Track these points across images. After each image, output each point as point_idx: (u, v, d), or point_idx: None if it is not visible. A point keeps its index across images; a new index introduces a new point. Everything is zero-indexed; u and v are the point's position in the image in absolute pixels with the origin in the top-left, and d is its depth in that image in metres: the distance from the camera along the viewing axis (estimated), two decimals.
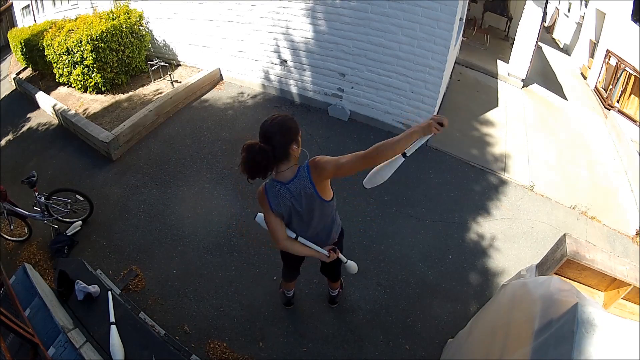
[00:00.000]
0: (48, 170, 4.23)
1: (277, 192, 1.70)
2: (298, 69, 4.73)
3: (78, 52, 4.89)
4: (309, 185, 1.67)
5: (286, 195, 1.70)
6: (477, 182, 3.97)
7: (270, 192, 1.71)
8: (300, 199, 1.71)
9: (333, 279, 2.52)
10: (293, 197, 1.70)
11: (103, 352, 2.11)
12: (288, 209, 1.74)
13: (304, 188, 1.68)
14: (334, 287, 2.64)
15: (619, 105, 5.98)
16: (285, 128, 1.62)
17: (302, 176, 1.67)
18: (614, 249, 3.53)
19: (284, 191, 1.69)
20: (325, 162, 1.63)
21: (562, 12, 9.84)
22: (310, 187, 1.68)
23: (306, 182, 1.67)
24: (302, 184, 1.68)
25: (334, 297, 2.74)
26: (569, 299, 1.28)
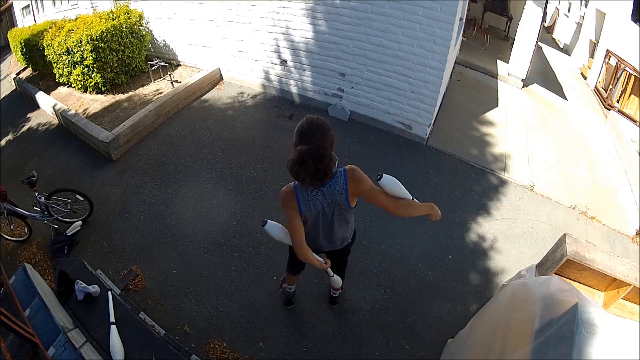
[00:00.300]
0: (48, 170, 4.23)
1: (309, 196, 1.65)
2: (298, 69, 4.73)
3: (78, 52, 4.89)
4: (343, 191, 1.66)
5: (319, 199, 1.67)
6: (477, 182, 3.97)
7: (301, 196, 1.66)
8: (331, 204, 1.69)
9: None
10: (325, 200, 1.67)
11: (103, 352, 2.11)
12: (317, 212, 1.71)
13: (338, 193, 1.66)
14: (335, 288, 2.64)
15: (619, 105, 5.97)
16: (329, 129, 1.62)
17: (338, 181, 1.65)
18: (614, 249, 3.53)
19: (318, 194, 1.66)
20: (363, 177, 1.65)
21: (562, 12, 9.84)
22: (343, 194, 1.66)
23: (341, 187, 1.65)
24: (337, 188, 1.66)
25: (335, 298, 2.74)
26: (569, 299, 1.28)
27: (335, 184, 1.66)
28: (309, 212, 1.69)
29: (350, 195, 1.68)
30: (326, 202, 1.69)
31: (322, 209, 1.71)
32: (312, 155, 1.51)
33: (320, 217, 1.75)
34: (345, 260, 2.35)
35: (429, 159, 4.19)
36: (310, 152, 1.52)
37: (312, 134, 1.57)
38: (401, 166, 4.04)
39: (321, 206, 1.69)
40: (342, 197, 1.68)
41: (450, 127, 4.67)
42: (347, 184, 1.66)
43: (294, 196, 1.66)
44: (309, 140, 1.55)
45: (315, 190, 1.66)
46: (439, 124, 4.59)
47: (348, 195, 1.67)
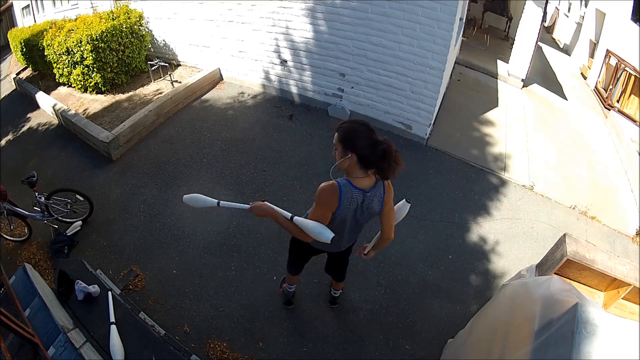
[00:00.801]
0: (48, 170, 4.23)
1: (351, 196, 1.66)
2: (298, 69, 4.73)
3: (78, 52, 4.89)
4: (381, 198, 1.72)
5: (358, 201, 1.68)
6: (477, 182, 3.97)
7: (345, 196, 1.65)
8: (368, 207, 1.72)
9: (338, 279, 2.52)
10: (363, 203, 1.70)
11: (103, 352, 2.11)
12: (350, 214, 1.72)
13: (377, 200, 1.72)
14: (337, 287, 2.64)
15: (619, 105, 5.98)
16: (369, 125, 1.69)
17: (379, 188, 1.71)
18: (614, 249, 3.53)
19: (359, 197, 1.67)
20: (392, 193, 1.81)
21: (562, 12, 9.84)
22: (380, 201, 1.73)
23: (381, 196, 1.72)
24: (378, 195, 1.71)
25: (336, 297, 2.74)
26: (569, 299, 1.28)
27: (377, 190, 1.71)
28: (344, 211, 1.70)
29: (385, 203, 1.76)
30: (363, 204, 1.71)
31: (355, 212, 1.73)
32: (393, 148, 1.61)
33: (348, 220, 1.76)
34: (346, 261, 2.36)
35: (429, 159, 4.19)
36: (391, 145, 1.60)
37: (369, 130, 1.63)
38: None
39: (356, 207, 1.71)
40: (379, 204, 1.74)
41: (450, 127, 4.67)
42: (386, 192, 1.74)
43: (338, 194, 1.64)
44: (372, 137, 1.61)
45: (357, 193, 1.66)
46: (439, 124, 4.59)
47: (383, 202, 1.74)
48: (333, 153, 1.69)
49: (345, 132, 1.63)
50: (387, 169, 1.60)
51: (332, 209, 1.67)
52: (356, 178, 1.66)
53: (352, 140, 1.61)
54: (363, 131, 1.62)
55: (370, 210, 1.75)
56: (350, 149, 1.61)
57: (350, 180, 1.66)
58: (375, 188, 1.70)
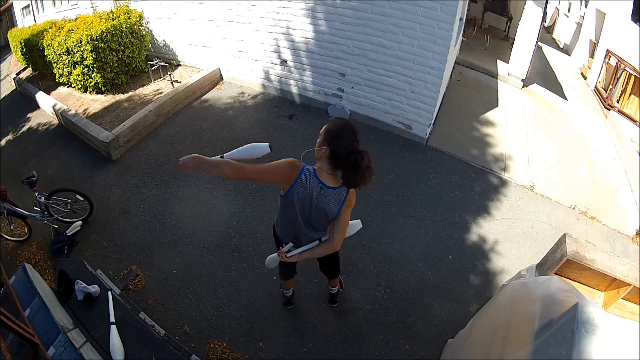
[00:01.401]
0: (48, 170, 4.23)
1: (307, 182, 1.68)
2: (298, 69, 4.73)
3: (78, 52, 4.89)
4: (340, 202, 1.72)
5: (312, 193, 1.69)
6: (477, 182, 3.97)
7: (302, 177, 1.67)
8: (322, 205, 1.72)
9: (330, 276, 2.52)
10: (317, 199, 1.71)
11: (103, 352, 2.11)
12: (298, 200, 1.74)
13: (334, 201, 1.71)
14: (333, 284, 2.64)
15: (619, 105, 5.97)
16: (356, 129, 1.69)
17: (341, 193, 1.71)
18: (614, 249, 3.53)
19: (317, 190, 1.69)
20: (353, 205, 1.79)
21: (562, 12, 9.84)
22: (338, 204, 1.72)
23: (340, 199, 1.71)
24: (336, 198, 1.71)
25: (334, 295, 2.73)
26: (569, 299, 1.28)
27: (338, 193, 1.71)
28: (296, 195, 1.71)
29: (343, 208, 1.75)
30: (317, 200, 1.70)
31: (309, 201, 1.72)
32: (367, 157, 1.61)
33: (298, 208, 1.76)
34: (333, 258, 2.34)
35: (429, 159, 4.19)
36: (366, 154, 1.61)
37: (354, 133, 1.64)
38: (401, 166, 4.04)
39: (308, 199, 1.71)
40: (335, 206, 1.73)
41: (450, 127, 4.67)
42: (347, 199, 1.73)
43: (298, 172, 1.68)
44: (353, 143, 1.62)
45: (317, 185, 1.68)
46: (439, 124, 4.59)
47: (341, 207, 1.74)
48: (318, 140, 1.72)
49: (333, 127, 1.66)
50: (351, 179, 1.61)
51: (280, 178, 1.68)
52: (322, 171, 1.68)
53: (335, 137, 1.63)
54: (348, 134, 1.63)
55: (325, 209, 1.73)
56: (329, 143, 1.63)
57: (316, 169, 1.69)
58: (337, 189, 1.70)
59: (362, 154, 1.59)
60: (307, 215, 1.81)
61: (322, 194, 1.70)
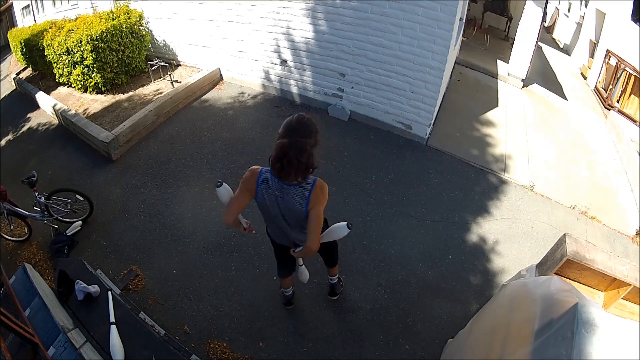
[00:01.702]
0: (48, 170, 4.23)
1: (269, 186, 1.67)
2: (298, 69, 4.73)
3: (78, 52, 4.89)
4: (304, 199, 1.65)
5: (277, 194, 1.67)
6: (477, 182, 3.97)
7: (262, 181, 1.68)
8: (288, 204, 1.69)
9: (328, 264, 2.52)
10: (283, 198, 1.68)
11: (103, 352, 2.11)
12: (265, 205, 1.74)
13: (299, 199, 1.66)
14: (331, 273, 2.63)
15: (619, 105, 5.98)
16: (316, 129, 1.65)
17: (305, 188, 1.65)
18: (614, 249, 3.53)
19: (278, 189, 1.66)
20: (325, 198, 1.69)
21: (562, 12, 9.84)
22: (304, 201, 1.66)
23: (303, 195, 1.65)
24: (298, 195, 1.66)
25: (334, 285, 2.72)
26: (569, 299, 1.28)
27: (301, 189, 1.66)
28: (259, 199, 1.72)
29: (310, 204, 1.69)
30: (282, 199, 1.69)
31: (276, 201, 1.71)
32: (294, 148, 1.52)
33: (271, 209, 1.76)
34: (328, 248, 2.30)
35: (429, 159, 4.18)
36: (291, 146, 1.52)
37: (297, 130, 1.58)
38: (401, 166, 4.04)
39: (274, 199, 1.70)
40: (301, 203, 1.68)
41: (450, 127, 4.67)
42: (311, 195, 1.66)
43: (255, 180, 1.69)
44: (293, 136, 1.56)
45: (277, 184, 1.66)
46: (439, 124, 4.59)
47: (308, 205, 1.68)
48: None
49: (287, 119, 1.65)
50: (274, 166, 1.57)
51: (249, 191, 1.71)
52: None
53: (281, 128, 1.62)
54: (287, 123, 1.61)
55: (291, 206, 1.70)
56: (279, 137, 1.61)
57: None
58: (299, 185, 1.65)
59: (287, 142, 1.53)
60: (283, 215, 1.79)
61: (284, 191, 1.67)
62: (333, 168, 3.93)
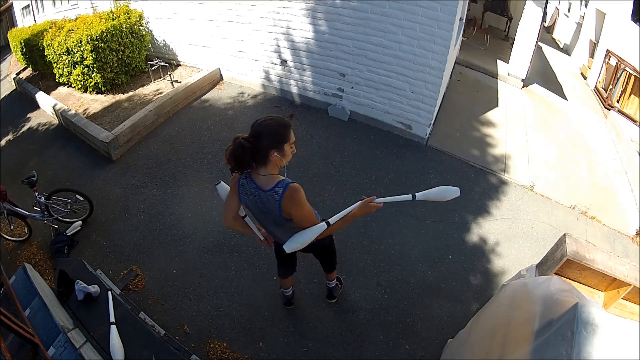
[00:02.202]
0: (48, 170, 4.23)
1: (248, 190, 1.70)
2: (298, 69, 4.73)
3: (78, 52, 4.89)
4: (276, 204, 1.63)
5: (255, 198, 1.69)
6: (477, 182, 3.97)
7: (242, 185, 1.71)
8: (262, 207, 1.70)
9: (325, 269, 2.52)
10: (262, 202, 1.68)
11: (103, 352, 2.11)
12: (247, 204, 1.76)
13: (271, 202, 1.65)
14: (329, 278, 2.64)
15: (619, 105, 5.97)
16: (271, 132, 1.59)
17: (276, 194, 1.62)
18: (614, 249, 3.53)
19: (254, 194, 1.68)
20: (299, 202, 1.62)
21: (562, 12, 9.84)
22: (276, 205, 1.64)
23: (274, 200, 1.63)
24: (269, 198, 1.64)
25: (332, 289, 2.73)
26: (569, 299, 1.28)
27: (272, 194, 1.63)
28: (245, 202, 1.76)
29: (283, 211, 1.65)
30: (262, 203, 1.69)
31: (258, 206, 1.72)
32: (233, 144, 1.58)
33: (255, 212, 1.79)
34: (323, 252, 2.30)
35: (429, 159, 4.18)
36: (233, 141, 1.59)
37: (257, 133, 1.59)
38: (401, 166, 4.04)
39: (255, 203, 1.72)
40: (275, 208, 1.65)
41: (450, 127, 4.67)
42: (282, 200, 1.62)
43: (237, 183, 1.73)
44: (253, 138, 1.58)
45: (253, 189, 1.68)
46: (439, 124, 4.59)
47: (280, 209, 1.65)
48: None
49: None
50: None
51: (236, 193, 1.75)
52: (257, 174, 1.65)
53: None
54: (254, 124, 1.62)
55: (269, 210, 1.69)
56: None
57: (251, 173, 1.67)
58: (273, 190, 1.62)
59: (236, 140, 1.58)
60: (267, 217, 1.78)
61: (262, 197, 1.66)
62: (333, 168, 3.93)
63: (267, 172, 1.63)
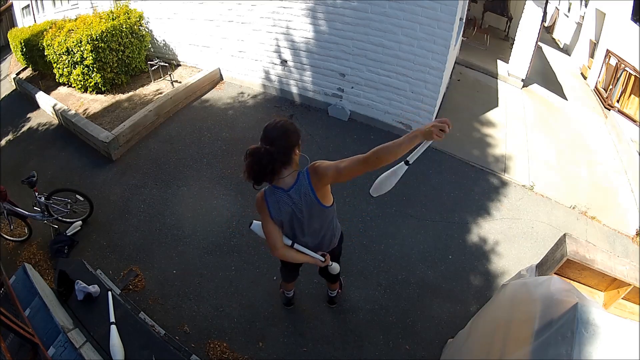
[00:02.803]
0: (48, 170, 4.23)
1: (277, 199, 1.66)
2: (298, 69, 4.73)
3: (78, 52, 4.89)
4: (309, 191, 1.63)
5: (287, 202, 1.66)
6: (477, 182, 3.97)
7: (270, 199, 1.67)
8: (301, 206, 1.68)
9: (331, 280, 2.52)
10: (294, 203, 1.67)
11: (103, 352, 2.11)
12: (289, 215, 1.71)
13: (305, 194, 1.64)
14: (332, 287, 2.65)
15: (619, 105, 5.97)
16: (289, 131, 1.60)
17: (302, 182, 1.63)
18: (614, 249, 3.53)
19: (285, 198, 1.66)
20: (326, 167, 1.58)
21: (562, 12, 9.84)
22: (310, 193, 1.64)
23: (306, 188, 1.63)
24: (302, 190, 1.64)
25: (333, 297, 2.74)
26: (569, 299, 1.28)
27: (301, 185, 1.64)
28: (279, 215, 1.69)
29: (319, 193, 1.64)
30: (294, 205, 1.67)
31: (292, 211, 1.69)
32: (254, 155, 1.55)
33: (294, 221, 1.74)
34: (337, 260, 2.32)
35: (429, 158, 4.18)
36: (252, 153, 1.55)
37: (276, 136, 1.57)
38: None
39: (290, 209, 1.68)
40: (310, 196, 1.65)
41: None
42: (311, 182, 1.63)
43: (264, 202, 1.68)
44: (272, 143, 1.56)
45: (281, 194, 1.65)
46: None
47: (316, 193, 1.64)
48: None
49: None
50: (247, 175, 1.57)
51: (267, 215, 1.70)
52: (279, 178, 1.62)
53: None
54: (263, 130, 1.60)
55: (307, 204, 1.67)
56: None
57: (274, 182, 1.63)
58: (297, 184, 1.64)
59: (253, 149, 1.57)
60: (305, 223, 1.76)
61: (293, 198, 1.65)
62: None
63: (290, 171, 1.63)
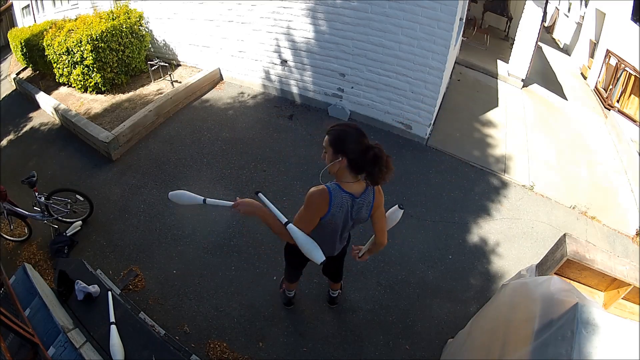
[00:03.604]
0: (48, 170, 4.23)
1: (341, 202, 1.62)
2: (298, 69, 4.73)
3: (78, 52, 4.89)
4: (370, 204, 1.69)
5: (348, 207, 1.65)
6: (477, 182, 3.97)
7: (335, 200, 1.61)
8: (354, 215, 1.70)
9: (335, 280, 2.53)
10: (353, 209, 1.67)
11: (103, 352, 2.11)
12: (340, 220, 1.70)
13: (366, 205, 1.68)
14: (335, 287, 2.65)
15: (619, 105, 5.97)
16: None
17: (369, 195, 1.67)
18: (614, 249, 3.53)
19: (351, 202, 1.64)
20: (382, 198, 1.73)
21: (562, 12, 9.84)
22: (369, 207, 1.69)
23: (369, 203, 1.68)
24: (365, 202, 1.67)
25: (334, 298, 2.74)
26: (569, 299, 1.28)
27: (366, 198, 1.67)
28: (334, 218, 1.66)
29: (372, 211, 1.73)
30: (351, 212, 1.68)
31: (346, 218, 1.70)
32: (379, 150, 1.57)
33: (339, 225, 1.73)
34: (340, 263, 2.36)
35: (429, 159, 4.19)
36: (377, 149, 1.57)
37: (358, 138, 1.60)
38: (401, 166, 4.04)
39: (346, 216, 1.68)
40: (367, 209, 1.70)
41: (450, 127, 4.67)
42: (375, 198, 1.69)
43: (328, 198, 1.60)
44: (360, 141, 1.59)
45: (348, 198, 1.63)
46: (439, 124, 4.59)
47: (371, 210, 1.72)
48: (323, 156, 1.66)
49: (336, 135, 1.60)
50: (377, 174, 1.55)
51: (320, 214, 1.62)
52: (346, 182, 1.62)
53: (343, 144, 1.57)
54: (354, 135, 1.59)
55: (359, 216, 1.72)
56: (341, 152, 1.57)
57: (339, 184, 1.62)
58: (365, 194, 1.66)
59: (375, 146, 1.56)
60: (345, 228, 1.79)
61: (355, 205, 1.66)
62: None
63: (355, 178, 1.64)
